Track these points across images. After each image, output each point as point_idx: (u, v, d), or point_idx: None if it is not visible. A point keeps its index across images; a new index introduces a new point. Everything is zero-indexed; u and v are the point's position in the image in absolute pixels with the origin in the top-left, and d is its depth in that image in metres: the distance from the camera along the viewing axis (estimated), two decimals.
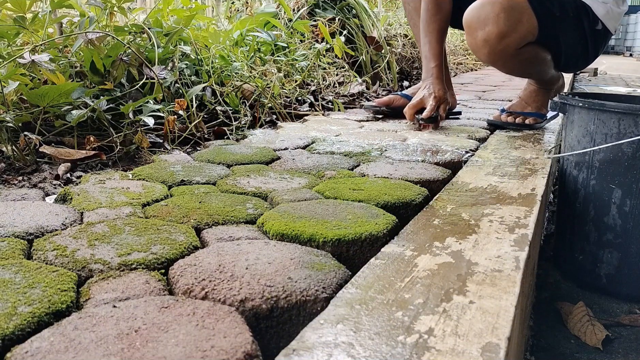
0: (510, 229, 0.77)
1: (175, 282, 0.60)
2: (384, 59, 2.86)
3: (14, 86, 1.16)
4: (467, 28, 1.51)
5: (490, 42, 1.46)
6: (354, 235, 0.74)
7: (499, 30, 1.44)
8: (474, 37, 1.49)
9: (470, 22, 1.49)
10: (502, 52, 1.48)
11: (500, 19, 1.43)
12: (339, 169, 1.15)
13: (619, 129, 1.06)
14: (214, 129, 1.52)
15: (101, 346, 0.46)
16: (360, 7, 2.92)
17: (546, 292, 1.17)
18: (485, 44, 1.47)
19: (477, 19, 1.47)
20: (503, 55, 1.49)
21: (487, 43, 1.47)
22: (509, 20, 1.44)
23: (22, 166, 1.11)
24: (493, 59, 1.52)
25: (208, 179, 1.05)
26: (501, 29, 1.44)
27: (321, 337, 0.47)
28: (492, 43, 1.46)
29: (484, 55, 1.52)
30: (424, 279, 0.60)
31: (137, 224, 0.77)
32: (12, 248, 0.68)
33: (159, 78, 1.40)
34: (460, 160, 1.22)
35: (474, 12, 1.49)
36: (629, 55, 12.89)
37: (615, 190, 1.09)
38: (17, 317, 0.51)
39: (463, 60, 4.81)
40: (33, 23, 1.39)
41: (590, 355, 0.95)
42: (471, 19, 1.49)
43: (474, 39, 1.50)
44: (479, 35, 1.47)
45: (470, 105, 2.28)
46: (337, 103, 2.04)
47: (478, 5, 1.48)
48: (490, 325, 0.50)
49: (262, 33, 2.12)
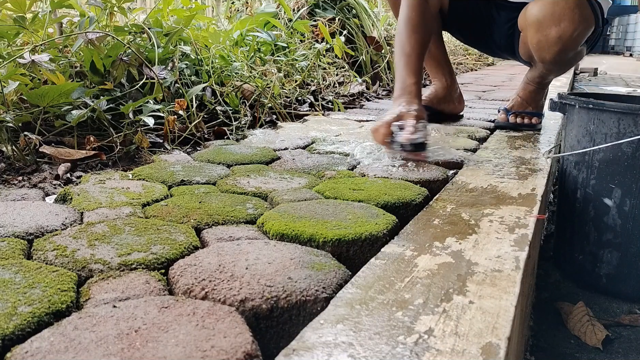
0: (510, 229, 0.77)
1: (175, 282, 0.60)
2: (384, 59, 2.86)
3: (14, 86, 1.16)
4: (537, 25, 1.44)
5: (564, 39, 1.41)
6: (354, 235, 0.74)
7: (574, 26, 1.39)
8: (546, 34, 1.43)
9: (542, 18, 1.43)
10: (571, 49, 1.43)
11: (575, 14, 1.39)
12: (339, 169, 1.15)
13: (618, 129, 1.06)
14: (214, 129, 1.52)
15: (101, 346, 0.46)
16: (360, 7, 2.92)
17: (546, 292, 1.17)
18: (559, 41, 1.41)
19: (552, 15, 1.41)
20: (570, 52, 1.44)
21: (561, 40, 1.41)
22: (582, 16, 1.40)
23: (22, 166, 1.11)
24: (560, 57, 1.46)
25: (208, 179, 1.05)
26: (576, 25, 1.39)
27: (321, 337, 0.47)
28: (566, 39, 1.41)
29: (554, 53, 1.45)
30: (424, 279, 0.60)
31: (137, 224, 0.77)
32: (12, 248, 0.68)
33: (159, 78, 1.40)
34: (460, 160, 1.22)
35: (546, 8, 1.42)
36: (629, 55, 12.89)
37: (615, 190, 1.09)
38: (17, 317, 0.51)
39: (463, 60, 4.81)
40: (33, 23, 1.39)
41: (590, 355, 0.95)
42: (543, 15, 1.42)
43: (545, 36, 1.43)
44: (553, 32, 1.41)
45: (470, 105, 2.28)
46: (337, 103, 2.04)
47: (548, 1, 1.42)
48: (490, 325, 0.50)
49: (262, 33, 2.12)
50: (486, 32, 1.74)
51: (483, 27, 1.74)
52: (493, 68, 5.15)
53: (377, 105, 2.26)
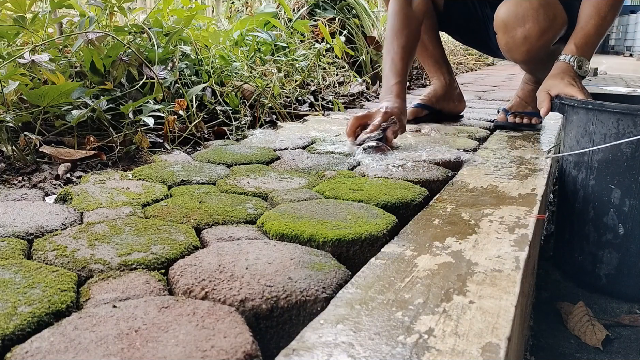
0: (510, 229, 0.77)
1: (175, 282, 0.60)
2: None
3: (14, 86, 1.16)
4: (504, 26, 1.45)
5: (531, 40, 1.42)
6: (354, 235, 0.74)
7: (539, 26, 1.40)
8: (512, 35, 1.44)
9: (507, 20, 1.44)
10: (540, 49, 1.44)
11: (540, 14, 1.40)
12: (339, 169, 1.15)
13: (617, 129, 1.06)
14: (214, 129, 1.52)
15: (101, 346, 0.46)
16: (360, 7, 2.93)
17: (546, 292, 1.17)
18: (525, 41, 1.43)
19: (515, 17, 1.42)
20: (540, 52, 1.45)
21: (527, 41, 1.42)
22: (548, 16, 1.41)
23: (22, 166, 1.11)
24: (530, 57, 1.46)
25: (208, 179, 1.05)
26: (542, 25, 1.40)
27: (321, 337, 0.47)
28: (533, 40, 1.42)
29: (522, 54, 1.46)
30: (424, 279, 0.60)
31: (137, 224, 0.77)
32: (12, 248, 0.68)
33: (159, 78, 1.41)
34: (460, 160, 1.22)
35: (510, 10, 1.43)
36: (629, 55, 12.89)
37: (615, 190, 1.10)
38: (17, 317, 0.51)
39: (463, 60, 4.81)
40: (33, 23, 1.39)
41: (590, 355, 0.95)
42: (508, 17, 1.44)
43: (512, 37, 1.44)
44: (518, 33, 1.42)
45: (470, 105, 2.28)
46: (337, 103, 2.04)
47: (513, 2, 1.43)
48: (490, 325, 0.50)
49: (262, 33, 2.12)
50: (482, 31, 1.74)
51: (479, 26, 1.74)
52: (493, 68, 5.15)
53: (377, 105, 2.26)
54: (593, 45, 1.36)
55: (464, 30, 1.83)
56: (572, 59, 1.32)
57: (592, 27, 1.33)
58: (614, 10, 1.34)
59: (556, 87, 1.26)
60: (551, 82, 1.29)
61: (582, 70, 1.32)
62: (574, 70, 1.31)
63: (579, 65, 1.31)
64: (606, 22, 1.34)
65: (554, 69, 1.33)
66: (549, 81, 1.30)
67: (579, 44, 1.33)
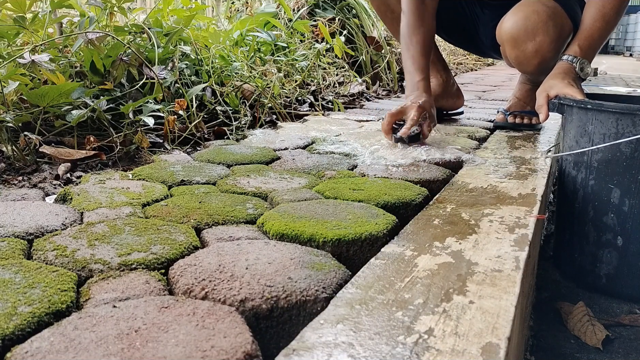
0: (510, 229, 0.77)
1: (175, 282, 0.60)
2: (384, 59, 2.86)
3: (14, 86, 1.16)
4: (512, 41, 1.44)
5: (542, 52, 1.41)
6: (354, 235, 0.74)
7: (550, 38, 1.39)
8: (523, 49, 1.43)
9: (516, 34, 1.43)
10: (552, 59, 1.42)
11: (549, 27, 1.39)
12: (339, 169, 1.15)
13: (617, 129, 1.06)
14: (214, 129, 1.52)
15: (101, 346, 0.46)
16: (360, 7, 2.93)
17: (546, 292, 1.18)
18: (537, 54, 1.41)
19: (525, 31, 1.41)
20: (551, 63, 1.42)
21: (539, 53, 1.41)
22: (556, 27, 1.40)
23: (22, 166, 1.11)
24: (541, 68, 1.44)
25: (208, 179, 1.05)
26: (552, 36, 1.39)
27: (321, 337, 0.47)
28: (544, 52, 1.41)
29: (534, 67, 1.45)
30: (424, 279, 0.60)
31: (137, 224, 0.77)
32: (12, 248, 0.68)
33: (159, 78, 1.41)
34: (460, 160, 1.22)
35: (519, 24, 1.42)
36: (629, 55, 12.89)
37: (614, 190, 1.10)
38: (17, 317, 0.51)
39: (463, 60, 4.81)
40: (33, 23, 1.39)
41: (590, 355, 0.95)
42: (517, 31, 1.42)
43: (523, 52, 1.43)
44: (529, 47, 1.41)
45: (470, 105, 2.29)
46: (337, 103, 2.04)
47: (521, 16, 1.42)
48: (490, 325, 0.50)
49: (262, 33, 2.12)
50: (472, 31, 1.74)
51: (468, 26, 1.73)
52: (493, 68, 5.15)
53: (377, 105, 2.26)
54: (596, 48, 1.36)
55: (453, 30, 1.83)
56: (575, 61, 1.31)
57: (597, 30, 1.33)
58: (618, 15, 1.34)
59: (556, 87, 1.26)
60: (552, 81, 1.29)
61: (583, 73, 1.32)
62: (576, 72, 1.31)
63: (580, 67, 1.31)
64: (610, 26, 1.34)
65: (556, 69, 1.33)
66: (550, 81, 1.30)
67: (583, 46, 1.33)
